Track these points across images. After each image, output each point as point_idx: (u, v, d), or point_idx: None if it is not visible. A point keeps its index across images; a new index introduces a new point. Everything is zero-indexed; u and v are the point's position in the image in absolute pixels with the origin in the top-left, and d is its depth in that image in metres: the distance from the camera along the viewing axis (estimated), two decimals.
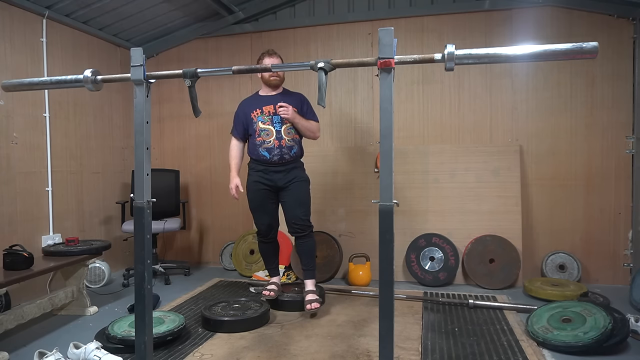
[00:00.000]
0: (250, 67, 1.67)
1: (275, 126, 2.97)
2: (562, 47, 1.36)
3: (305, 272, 3.12)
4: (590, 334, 2.34)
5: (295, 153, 3.01)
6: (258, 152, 2.97)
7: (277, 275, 3.25)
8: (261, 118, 3.00)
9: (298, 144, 3.05)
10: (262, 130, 2.98)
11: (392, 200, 1.45)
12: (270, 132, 2.96)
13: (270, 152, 2.95)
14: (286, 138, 2.97)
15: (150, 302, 1.76)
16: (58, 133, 3.66)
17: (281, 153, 2.94)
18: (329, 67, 1.56)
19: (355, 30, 4.17)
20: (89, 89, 1.82)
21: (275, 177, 2.98)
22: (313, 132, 3.07)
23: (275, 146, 2.94)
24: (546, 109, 3.82)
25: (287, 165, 2.99)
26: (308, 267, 3.10)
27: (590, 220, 3.74)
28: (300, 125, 2.98)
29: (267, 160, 2.95)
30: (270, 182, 2.98)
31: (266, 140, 2.96)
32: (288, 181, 2.99)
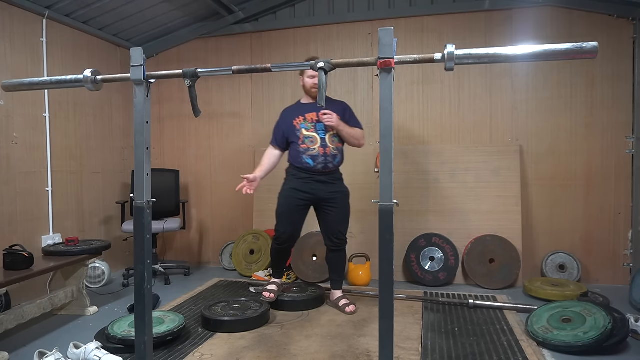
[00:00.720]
0: (250, 67, 1.66)
1: (320, 134, 2.94)
2: (562, 47, 1.36)
3: (336, 283, 3.16)
4: (590, 334, 2.34)
5: (338, 162, 2.99)
6: (301, 159, 2.92)
7: (280, 277, 3.23)
8: (304, 125, 2.96)
9: (341, 153, 3.03)
10: (307, 137, 2.94)
11: (392, 200, 1.45)
12: (315, 139, 2.92)
13: (314, 160, 2.90)
14: (331, 146, 2.93)
15: (150, 302, 1.76)
16: (58, 133, 3.66)
17: (325, 161, 2.90)
18: (329, 67, 1.56)
19: (355, 30, 4.17)
20: (89, 89, 1.82)
21: (317, 187, 2.93)
22: (358, 140, 3.02)
23: (320, 154, 2.90)
24: (546, 109, 3.82)
25: (329, 175, 2.96)
26: (339, 277, 3.16)
27: (590, 220, 3.75)
28: (344, 132, 2.94)
29: (311, 168, 2.90)
30: (311, 192, 2.93)
31: (311, 148, 2.91)
32: (331, 193, 2.96)
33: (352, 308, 3.01)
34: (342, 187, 3.04)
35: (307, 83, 3.00)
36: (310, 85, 2.98)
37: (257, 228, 4.28)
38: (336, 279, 3.16)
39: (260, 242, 4.14)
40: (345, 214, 3.03)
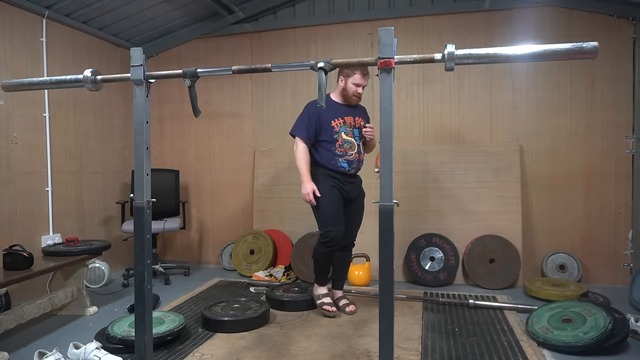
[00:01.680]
0: (250, 67, 1.66)
1: (357, 140, 2.96)
2: (562, 47, 1.36)
3: (337, 283, 3.16)
4: (590, 334, 2.34)
5: (361, 165, 3.06)
6: (337, 162, 2.89)
7: (327, 284, 3.10)
8: (344, 129, 2.92)
9: (363, 157, 3.08)
10: (346, 141, 2.91)
11: (392, 200, 1.45)
12: (353, 145, 2.93)
13: (350, 165, 2.91)
14: (362, 153, 3.02)
15: (150, 302, 1.76)
16: (58, 133, 3.66)
17: (358, 166, 2.97)
18: (329, 67, 1.56)
19: (355, 30, 4.17)
20: (89, 89, 1.82)
21: (349, 189, 2.96)
22: (372, 149, 3.15)
23: (356, 159, 2.93)
24: (546, 109, 3.82)
25: (357, 178, 3.04)
26: (341, 278, 3.16)
27: (590, 220, 3.74)
28: (373, 142, 3.06)
29: (345, 172, 2.91)
30: (344, 191, 2.94)
31: (348, 152, 2.91)
32: (358, 194, 3.03)
33: (352, 308, 3.02)
34: (363, 190, 3.10)
35: (349, 89, 2.92)
36: (353, 92, 2.92)
37: (257, 228, 4.28)
38: (338, 279, 3.15)
39: (260, 242, 4.14)
40: (361, 216, 3.11)
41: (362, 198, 3.07)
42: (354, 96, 2.92)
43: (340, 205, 2.90)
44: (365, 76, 2.91)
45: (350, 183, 2.96)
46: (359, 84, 2.89)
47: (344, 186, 2.92)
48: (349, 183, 2.95)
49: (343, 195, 2.93)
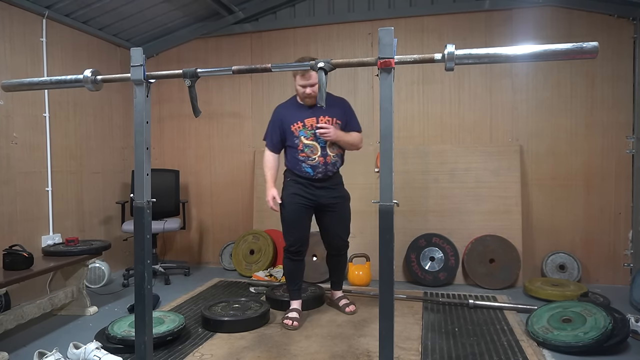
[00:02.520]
0: (250, 67, 1.66)
1: (320, 142, 2.75)
2: (562, 47, 1.36)
3: (335, 284, 3.14)
4: (590, 334, 2.34)
5: (337, 167, 2.88)
6: (300, 167, 2.77)
7: (299, 299, 2.96)
8: (304, 133, 2.76)
9: (341, 157, 2.90)
10: (306, 146, 2.76)
11: (392, 200, 1.45)
12: (315, 148, 2.75)
13: (314, 169, 2.76)
14: (331, 154, 2.78)
15: (150, 302, 1.76)
16: (58, 133, 3.66)
17: (326, 170, 2.78)
18: (329, 67, 1.56)
19: (355, 30, 4.17)
20: (89, 89, 1.82)
21: (318, 194, 2.79)
22: (356, 145, 2.88)
23: (320, 163, 2.75)
24: (546, 109, 3.82)
25: (330, 181, 2.83)
26: (339, 279, 3.14)
27: (590, 220, 3.74)
28: (342, 142, 2.80)
29: (310, 177, 2.77)
30: (312, 198, 2.78)
31: (310, 157, 2.75)
32: (332, 199, 2.83)
33: (352, 308, 3.00)
34: (343, 192, 2.91)
35: (298, 90, 2.76)
36: (302, 94, 2.75)
37: (257, 228, 4.28)
38: (336, 281, 3.14)
39: (260, 242, 4.14)
40: (345, 220, 2.92)
41: (343, 201, 2.89)
42: (305, 97, 2.74)
43: (302, 214, 2.78)
44: (304, 75, 2.69)
45: (320, 188, 2.79)
46: (302, 84, 2.71)
47: (312, 191, 2.78)
48: (318, 188, 2.79)
49: (311, 201, 2.79)
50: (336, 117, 2.79)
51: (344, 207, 2.90)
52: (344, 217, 2.90)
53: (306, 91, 2.70)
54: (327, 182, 2.81)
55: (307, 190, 2.77)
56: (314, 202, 2.80)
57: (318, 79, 1.59)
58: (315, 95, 2.70)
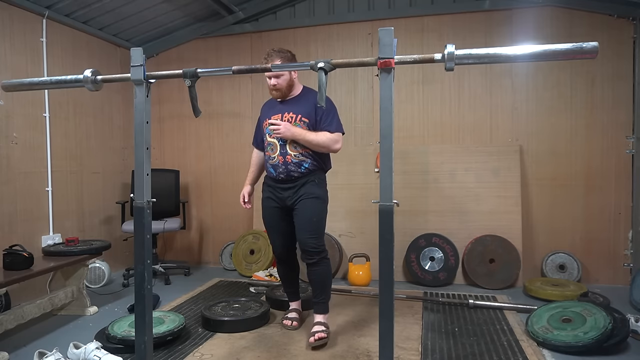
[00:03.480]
0: (250, 67, 1.67)
1: (279, 140, 2.51)
2: (562, 47, 1.36)
3: (315, 305, 2.62)
4: (590, 334, 2.34)
5: (306, 169, 2.51)
6: (267, 168, 2.62)
7: (297, 299, 2.87)
8: (268, 130, 2.57)
9: (311, 157, 2.52)
10: (269, 144, 2.57)
11: (392, 200, 1.45)
12: (275, 147, 2.53)
13: (275, 169, 2.54)
14: (292, 153, 2.49)
15: (150, 302, 1.76)
16: (58, 133, 3.66)
17: (287, 170, 2.50)
18: (329, 67, 1.56)
19: (355, 30, 4.17)
20: (89, 89, 1.82)
21: (284, 195, 2.56)
22: (325, 146, 2.49)
23: (280, 163, 2.50)
24: (546, 109, 3.82)
25: (296, 182, 2.53)
26: (318, 298, 2.60)
27: (590, 220, 3.74)
28: (303, 141, 2.45)
29: (274, 178, 2.58)
30: (279, 200, 2.59)
31: (271, 156, 2.55)
32: (296, 198, 2.53)
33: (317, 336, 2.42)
34: (311, 190, 2.51)
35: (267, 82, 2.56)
36: (268, 86, 2.55)
37: (257, 228, 4.28)
38: (315, 300, 2.62)
39: (260, 242, 4.14)
40: (307, 218, 2.49)
41: (307, 199, 2.51)
42: (272, 90, 2.55)
43: (275, 218, 2.63)
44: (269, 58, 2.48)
45: (284, 189, 2.55)
46: (269, 75, 2.50)
47: (278, 193, 2.59)
48: (283, 190, 2.56)
49: (279, 204, 2.60)
50: (302, 114, 2.51)
51: (306, 204, 2.51)
52: (305, 215, 2.50)
53: (270, 82, 2.50)
54: (292, 184, 2.53)
55: (275, 192, 2.60)
56: (282, 205, 2.60)
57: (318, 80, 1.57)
58: (281, 89, 2.52)
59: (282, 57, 2.50)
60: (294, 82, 2.58)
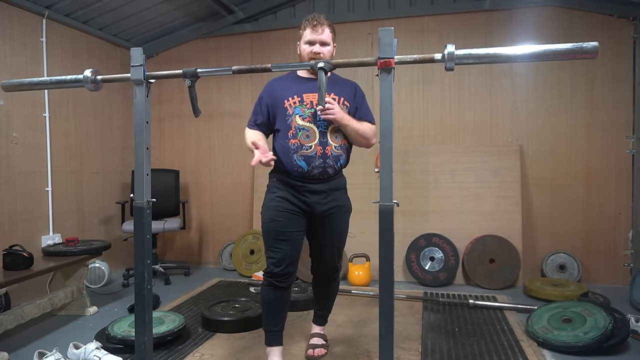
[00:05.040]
0: (250, 67, 1.66)
1: (320, 125, 2.03)
2: (562, 47, 1.36)
3: (318, 317, 2.43)
4: (590, 334, 2.34)
5: (341, 165, 2.12)
6: (291, 160, 2.03)
7: (279, 345, 2.15)
8: (299, 110, 2.04)
9: (346, 153, 2.13)
10: (301, 129, 2.02)
11: (392, 200, 1.45)
12: (312, 132, 2.02)
13: (309, 163, 2.01)
14: (333, 144, 2.04)
15: (150, 302, 1.76)
16: (58, 133, 3.66)
17: (324, 165, 2.03)
18: (329, 67, 1.56)
19: (355, 30, 4.17)
20: (89, 89, 1.82)
21: (313, 200, 2.06)
22: (367, 139, 2.11)
23: (318, 154, 2.01)
24: (546, 109, 3.82)
25: (328, 183, 2.08)
26: (323, 311, 2.42)
27: (590, 220, 3.74)
28: (350, 129, 2.04)
29: (304, 174, 2.03)
30: (304, 204, 2.07)
31: (305, 145, 2.01)
32: (328, 206, 2.09)
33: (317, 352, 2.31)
34: (343, 200, 2.18)
35: (303, 51, 2.09)
36: (308, 54, 2.07)
37: (257, 228, 4.28)
38: (319, 312, 2.42)
39: (260, 242, 4.14)
40: (339, 235, 2.20)
41: (341, 212, 2.15)
42: (312, 59, 2.03)
43: (288, 224, 2.06)
44: (315, 28, 2.06)
45: (316, 192, 2.06)
46: (311, 40, 2.06)
47: (305, 197, 2.06)
48: (313, 192, 2.06)
49: (303, 210, 2.08)
50: (344, 97, 2.11)
51: (340, 220, 2.17)
52: (338, 232, 2.18)
53: (314, 50, 2.05)
54: (325, 185, 2.08)
55: (298, 194, 2.07)
56: (306, 211, 2.09)
57: (318, 79, 1.56)
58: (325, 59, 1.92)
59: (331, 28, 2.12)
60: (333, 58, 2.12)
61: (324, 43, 2.07)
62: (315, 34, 2.06)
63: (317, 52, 2.05)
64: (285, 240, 2.06)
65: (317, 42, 2.06)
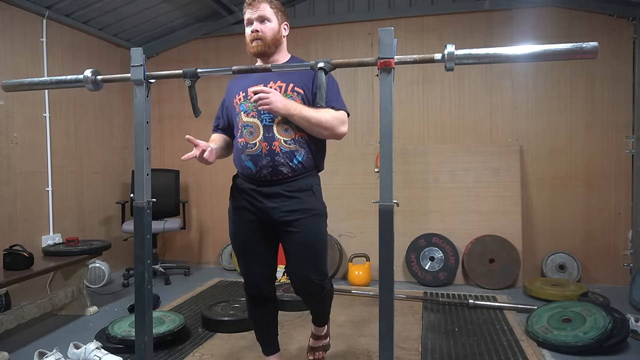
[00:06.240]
0: (250, 67, 1.66)
1: (264, 119, 1.79)
2: (562, 47, 1.35)
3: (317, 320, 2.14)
4: (590, 334, 2.34)
5: (299, 163, 1.79)
6: (240, 161, 1.87)
7: (276, 352, 2.08)
8: (244, 106, 1.85)
9: (306, 147, 1.81)
10: (245, 125, 1.83)
11: (392, 200, 1.44)
12: (256, 128, 1.79)
13: (256, 163, 1.79)
14: (282, 138, 1.77)
15: (150, 302, 1.76)
16: (58, 133, 3.66)
17: (274, 164, 1.76)
18: (329, 67, 1.55)
19: (355, 30, 4.17)
20: (89, 89, 1.82)
21: (267, 206, 1.81)
22: (327, 128, 1.76)
23: (264, 152, 1.77)
24: (546, 109, 3.82)
25: (286, 185, 1.79)
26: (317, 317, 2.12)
27: (590, 220, 3.74)
28: (297, 118, 1.72)
29: (253, 176, 1.82)
30: (259, 212, 1.85)
31: (249, 143, 1.80)
32: (288, 213, 1.79)
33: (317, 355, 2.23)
34: (309, 203, 1.81)
35: (246, 34, 1.88)
36: (248, 36, 1.86)
37: None
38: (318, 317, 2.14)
39: None
40: (312, 249, 1.81)
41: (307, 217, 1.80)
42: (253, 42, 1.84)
43: (250, 237, 1.90)
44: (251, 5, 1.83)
45: (268, 196, 1.80)
46: (249, 19, 1.84)
47: (256, 202, 1.84)
48: (265, 196, 1.81)
49: (257, 217, 1.86)
50: (294, 84, 1.82)
51: (310, 228, 1.81)
52: (306, 242, 1.81)
53: (252, 28, 1.83)
54: (281, 187, 1.79)
55: (253, 200, 1.85)
56: (263, 219, 1.85)
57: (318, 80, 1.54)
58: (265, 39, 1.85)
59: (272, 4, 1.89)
60: (282, 40, 1.97)
61: (262, 19, 1.83)
62: (251, 12, 1.82)
63: (255, 30, 1.81)
64: (252, 256, 1.91)
65: (254, 19, 1.82)
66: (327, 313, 2.13)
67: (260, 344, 2.08)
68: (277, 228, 1.85)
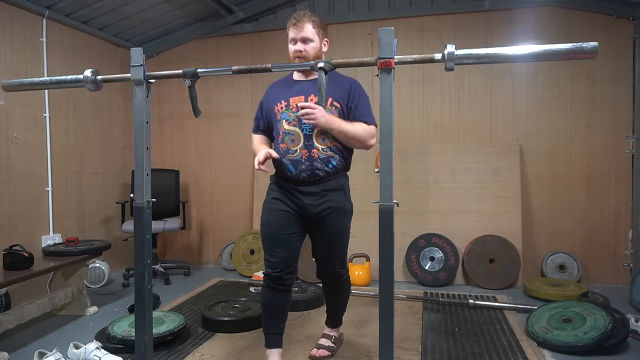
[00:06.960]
0: (250, 67, 1.66)
1: (304, 129, 2.01)
2: (562, 47, 1.36)
3: (328, 318, 2.40)
4: (590, 334, 2.34)
5: (334, 167, 2.05)
6: (281, 164, 2.06)
7: (279, 347, 2.14)
8: (286, 115, 2.06)
9: (340, 153, 2.08)
10: (287, 133, 2.04)
11: (392, 200, 1.45)
12: (297, 137, 2.02)
13: (296, 167, 2.01)
14: (320, 147, 2.01)
15: (150, 302, 1.76)
16: (58, 133, 3.66)
17: (312, 168, 2.01)
18: (329, 67, 1.56)
19: (355, 30, 4.17)
20: (89, 89, 1.82)
21: (304, 202, 2.05)
22: (360, 140, 2.03)
23: (304, 158, 2.00)
24: (546, 109, 3.82)
25: (321, 184, 2.04)
26: (332, 314, 2.37)
27: (590, 220, 3.74)
28: (337, 132, 1.98)
29: (293, 178, 2.04)
30: (296, 207, 2.08)
31: (291, 149, 2.02)
32: (321, 208, 2.05)
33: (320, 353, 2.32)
34: (339, 201, 2.09)
35: (290, 50, 2.10)
36: (292, 54, 2.08)
37: (257, 228, 4.27)
38: (329, 314, 2.40)
39: (260, 242, 4.13)
40: (336, 238, 2.12)
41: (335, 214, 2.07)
42: (297, 58, 2.05)
43: (282, 226, 2.07)
44: (296, 25, 2.09)
45: (306, 194, 2.04)
46: (293, 39, 2.07)
47: (297, 199, 2.06)
48: (304, 194, 2.04)
49: (296, 212, 2.08)
50: (334, 98, 2.05)
51: (336, 222, 2.08)
52: (334, 236, 2.11)
53: (296, 47, 2.04)
54: (318, 186, 2.05)
55: (291, 196, 2.07)
56: (300, 213, 2.08)
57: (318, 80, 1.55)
58: (308, 58, 2.05)
59: (314, 23, 2.12)
60: (322, 56, 2.13)
61: (305, 40, 2.06)
62: (296, 32, 2.07)
63: (298, 50, 2.04)
64: (280, 243, 2.07)
65: (298, 39, 2.06)
66: (341, 311, 2.38)
67: (265, 334, 2.14)
68: (309, 221, 2.10)
